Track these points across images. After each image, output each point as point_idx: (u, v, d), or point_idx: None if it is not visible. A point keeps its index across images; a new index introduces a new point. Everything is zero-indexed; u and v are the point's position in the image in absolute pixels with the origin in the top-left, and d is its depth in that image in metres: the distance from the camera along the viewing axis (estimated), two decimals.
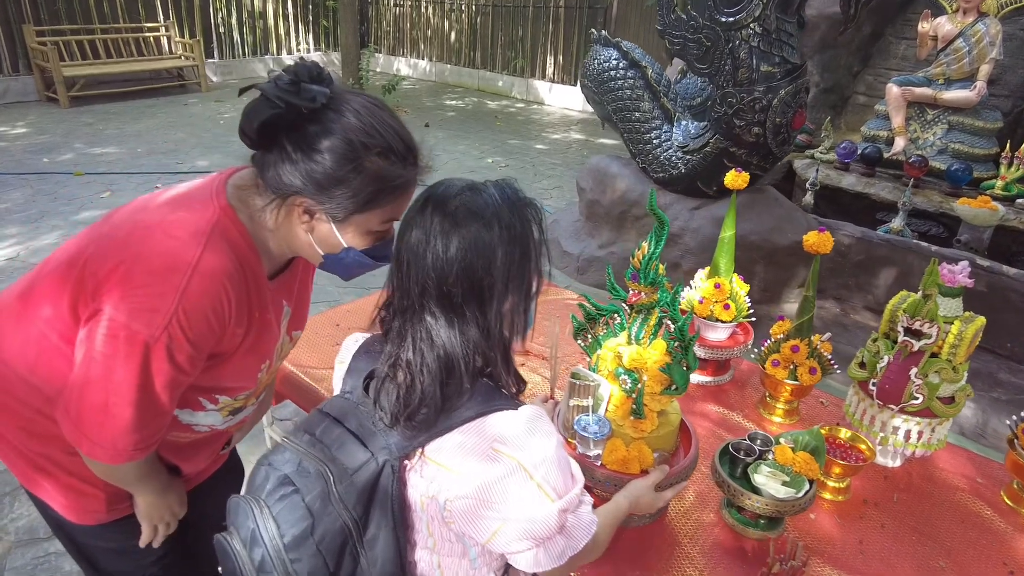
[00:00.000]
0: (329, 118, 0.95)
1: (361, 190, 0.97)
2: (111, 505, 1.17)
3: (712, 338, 1.88)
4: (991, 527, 1.47)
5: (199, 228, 0.97)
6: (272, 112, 0.92)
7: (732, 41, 2.89)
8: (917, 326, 1.43)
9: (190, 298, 0.94)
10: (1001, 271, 2.94)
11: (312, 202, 0.98)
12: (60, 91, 8.05)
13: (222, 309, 0.98)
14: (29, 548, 2.12)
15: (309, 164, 0.95)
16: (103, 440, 0.98)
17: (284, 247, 1.08)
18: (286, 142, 0.96)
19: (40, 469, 1.13)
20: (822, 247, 1.62)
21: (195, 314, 0.94)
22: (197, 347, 0.98)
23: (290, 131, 0.95)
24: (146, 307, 0.93)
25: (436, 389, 0.88)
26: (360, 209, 0.99)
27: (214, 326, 0.98)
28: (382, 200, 1.00)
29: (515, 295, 0.90)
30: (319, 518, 0.85)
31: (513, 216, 0.88)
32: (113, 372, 0.94)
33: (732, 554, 1.34)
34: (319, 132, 0.94)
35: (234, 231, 1.01)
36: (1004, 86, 4.19)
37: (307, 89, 0.92)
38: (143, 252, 0.95)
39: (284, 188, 0.98)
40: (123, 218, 1.02)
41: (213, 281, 0.96)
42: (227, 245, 0.99)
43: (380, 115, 0.99)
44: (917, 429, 1.56)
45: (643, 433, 1.31)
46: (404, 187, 1.02)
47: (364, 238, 1.05)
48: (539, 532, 0.87)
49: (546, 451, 0.87)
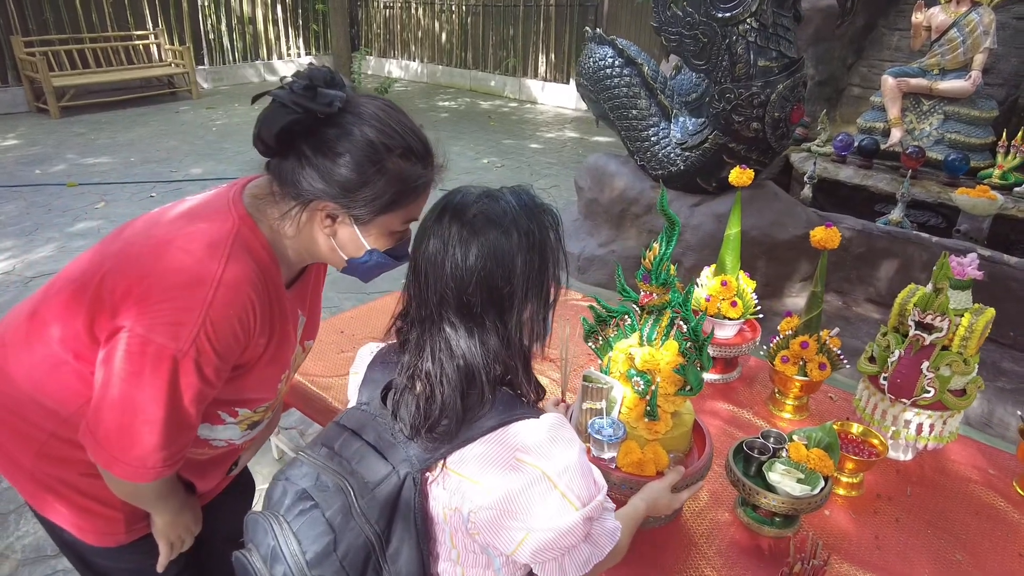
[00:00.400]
0: (348, 121, 0.95)
1: (384, 191, 0.97)
2: (130, 526, 1.16)
3: (720, 336, 1.88)
4: (1005, 518, 1.47)
5: (220, 239, 0.96)
6: (290, 118, 0.91)
7: (729, 37, 2.89)
8: (929, 320, 1.43)
9: (217, 310, 0.93)
10: (1003, 260, 2.94)
11: (335, 206, 0.98)
12: (50, 101, 8.00)
13: (247, 319, 0.98)
14: (36, 566, 2.10)
15: (331, 168, 0.94)
16: (132, 459, 0.97)
17: (304, 254, 1.07)
18: (305, 148, 0.95)
19: (54, 492, 1.11)
20: (829, 242, 1.61)
21: (222, 325, 0.94)
22: (224, 359, 0.97)
23: (308, 136, 0.94)
24: (172, 321, 0.92)
25: (456, 400, 0.87)
26: (383, 210, 0.99)
27: (240, 337, 0.98)
28: (404, 201, 1.01)
29: (534, 302, 0.90)
30: (341, 533, 0.84)
31: (531, 223, 0.88)
32: (140, 389, 0.93)
33: (749, 553, 1.34)
34: (339, 136, 0.94)
35: (254, 241, 1.00)
36: (998, 75, 4.19)
37: (324, 94, 0.92)
38: (164, 267, 0.94)
39: (306, 194, 0.97)
40: (137, 233, 1.01)
41: (239, 292, 0.95)
42: (248, 255, 0.98)
43: (397, 117, 0.99)
44: (929, 422, 1.55)
45: (657, 435, 1.30)
46: (424, 187, 1.03)
47: (386, 239, 1.05)
48: (564, 541, 0.86)
49: (569, 459, 0.86)
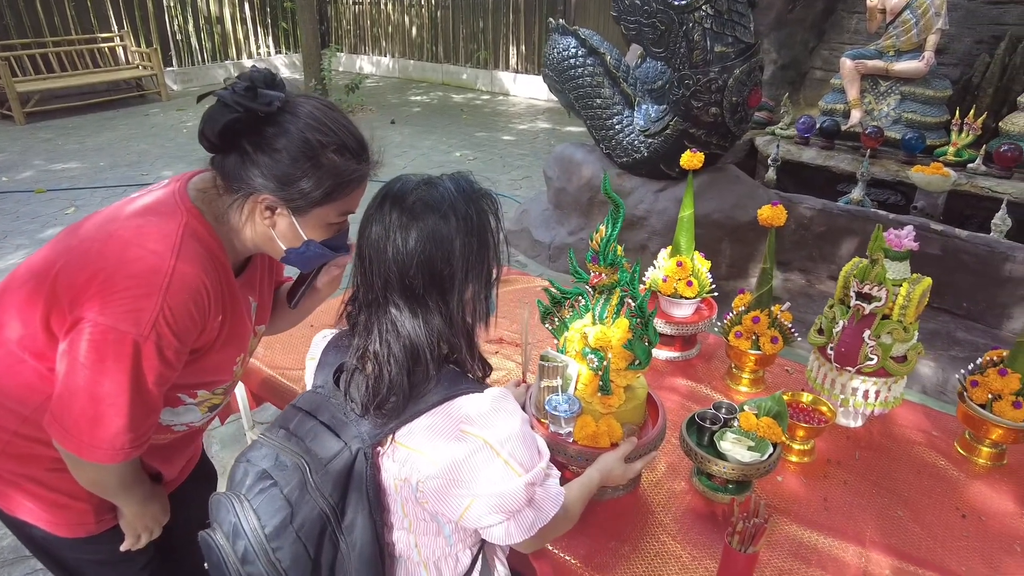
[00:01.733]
0: (286, 120, 1.00)
1: (320, 185, 1.03)
2: (99, 516, 1.19)
3: (678, 314, 1.94)
4: (945, 476, 1.55)
5: (171, 230, 1.02)
6: (231, 116, 0.97)
7: (685, 24, 2.95)
8: (867, 290, 1.50)
9: (173, 295, 0.98)
10: (954, 234, 3.04)
11: (274, 199, 1.04)
12: (14, 108, 7.87)
13: (202, 303, 1.03)
14: (16, 566, 2.13)
15: (269, 163, 1.00)
16: (101, 442, 1.01)
17: (248, 244, 1.12)
18: (246, 144, 1.01)
19: (22, 489, 1.14)
20: (776, 220, 1.68)
21: (179, 310, 0.99)
22: (183, 341, 1.02)
23: (249, 134, 1.00)
24: (132, 308, 0.96)
25: (403, 378, 0.91)
26: (319, 203, 1.05)
27: (196, 320, 1.03)
28: (339, 194, 1.06)
29: (475, 283, 0.95)
30: (297, 507, 0.89)
31: (469, 207, 0.92)
32: (105, 375, 0.97)
33: (703, 519, 1.40)
34: (277, 133, 1.00)
35: (202, 230, 1.06)
36: (952, 55, 4.31)
37: (263, 94, 0.98)
38: (120, 260, 0.98)
39: (247, 187, 1.03)
40: (93, 229, 1.05)
41: (192, 278, 1.01)
42: (198, 244, 1.04)
43: (332, 115, 1.04)
44: (875, 389, 1.63)
45: (611, 408, 1.36)
46: (359, 181, 1.08)
47: (323, 230, 1.11)
48: (508, 506, 0.91)
49: (511, 428, 0.91)
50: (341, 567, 0.92)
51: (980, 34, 4.23)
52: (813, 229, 3.47)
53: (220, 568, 0.91)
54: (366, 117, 8.69)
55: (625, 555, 1.31)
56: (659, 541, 1.34)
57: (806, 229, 3.47)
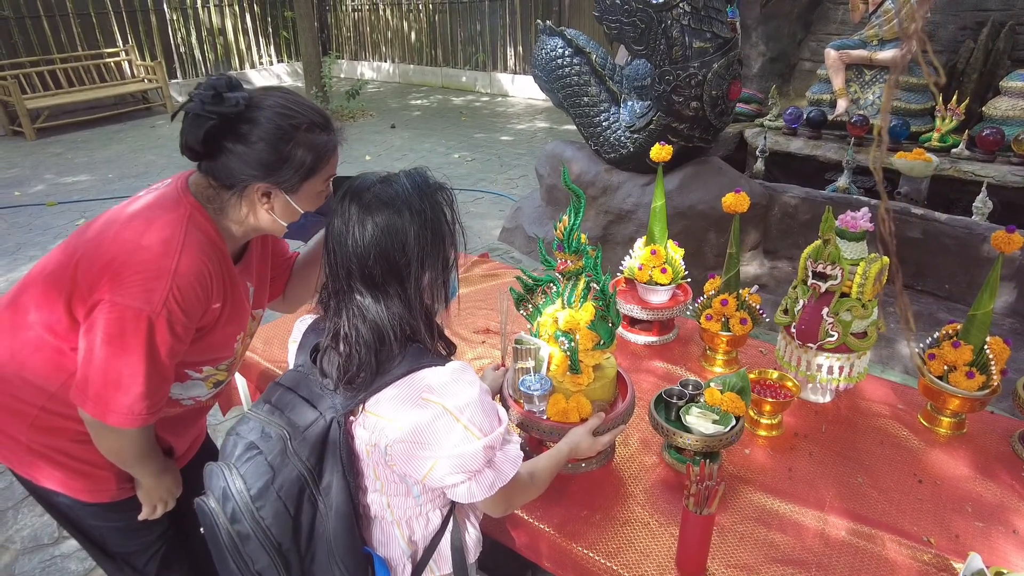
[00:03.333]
0: (255, 114, 1.13)
1: (304, 161, 1.16)
2: (119, 484, 1.33)
3: (654, 300, 2.03)
4: (906, 445, 1.62)
5: (177, 221, 1.15)
6: (209, 124, 1.10)
7: (664, 21, 3.03)
8: (820, 269, 1.58)
9: (181, 276, 1.11)
10: (935, 218, 3.11)
11: (267, 185, 1.16)
12: (25, 124, 8.07)
13: (207, 283, 1.16)
14: (35, 554, 2.26)
15: (253, 155, 1.13)
16: (121, 407, 1.13)
17: (249, 231, 1.26)
18: (227, 144, 1.13)
19: (48, 459, 1.27)
20: (739, 207, 1.77)
21: (187, 289, 1.12)
22: (190, 317, 1.15)
23: (227, 135, 1.12)
24: (145, 288, 1.09)
25: (371, 357, 1.01)
26: (306, 177, 1.18)
27: (201, 299, 1.15)
28: (320, 164, 1.19)
29: (431, 271, 1.04)
30: (278, 470, 0.99)
31: (423, 201, 1.02)
32: (124, 348, 1.10)
33: (672, 489, 1.49)
34: (251, 128, 1.12)
35: (204, 221, 1.18)
36: (938, 42, 4.36)
37: (228, 97, 1.10)
38: (134, 248, 1.12)
39: (240, 182, 1.16)
40: (104, 225, 1.18)
41: (198, 260, 1.14)
42: (201, 233, 1.17)
43: (295, 99, 1.17)
44: (838, 364, 1.71)
45: (580, 386, 1.45)
46: (333, 149, 1.22)
47: (314, 200, 1.24)
48: (468, 466, 1.01)
49: (470, 396, 1.01)
50: (321, 525, 1.02)
51: (964, 20, 4.28)
52: (799, 217, 3.55)
53: (213, 531, 1.02)
54: (367, 123, 8.81)
55: (596, 523, 1.40)
56: (629, 510, 1.43)
57: (792, 218, 3.54)
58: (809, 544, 1.33)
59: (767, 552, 1.31)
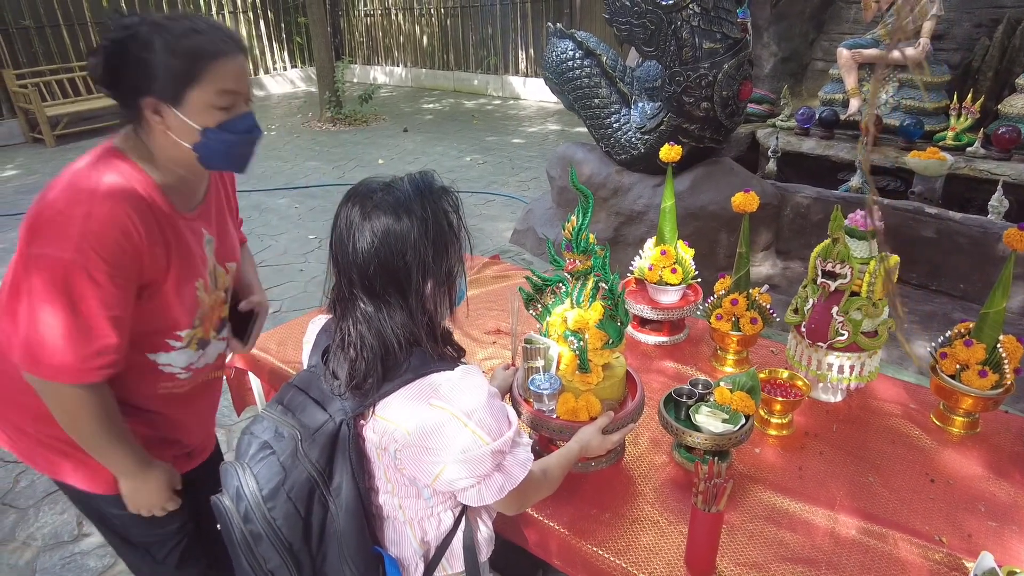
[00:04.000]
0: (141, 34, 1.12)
1: (179, 66, 1.12)
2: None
3: (664, 301, 2.04)
4: (918, 445, 1.62)
5: (87, 168, 1.15)
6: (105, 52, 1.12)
7: (674, 23, 3.04)
8: (830, 268, 1.58)
9: (96, 219, 1.09)
10: (948, 217, 3.08)
11: (152, 99, 1.14)
12: (45, 131, 8.20)
13: (129, 229, 1.12)
14: (56, 550, 2.30)
15: (137, 69, 1.12)
16: (51, 359, 1.11)
17: (171, 164, 1.22)
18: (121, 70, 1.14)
19: (58, 452, 1.28)
20: (748, 206, 1.77)
21: (103, 235, 1.09)
22: (115, 266, 1.11)
23: (121, 60, 1.13)
24: (57, 235, 1.08)
25: (377, 363, 1.02)
26: (187, 83, 1.13)
27: (125, 245, 1.12)
28: (200, 69, 1.13)
29: (435, 278, 1.03)
30: (289, 472, 1.01)
31: (425, 208, 1.00)
32: (45, 298, 1.08)
33: (681, 488, 1.50)
34: (138, 47, 1.12)
35: (126, 167, 1.17)
36: (952, 40, 4.32)
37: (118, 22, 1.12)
38: (47, 201, 1.12)
39: (130, 101, 1.15)
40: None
41: (113, 206, 1.11)
42: (120, 177, 1.15)
43: (177, 13, 1.20)
44: (849, 363, 1.70)
45: (590, 385, 1.46)
46: (214, 54, 1.14)
47: (210, 114, 1.17)
48: (477, 470, 1.01)
49: (477, 401, 1.01)
50: (331, 526, 1.04)
51: (979, 18, 4.24)
52: (811, 217, 3.53)
53: (227, 528, 1.04)
54: (380, 127, 8.87)
55: (606, 521, 1.40)
56: (638, 508, 1.44)
57: (804, 218, 3.53)
58: (819, 543, 1.33)
59: (777, 550, 1.31)
